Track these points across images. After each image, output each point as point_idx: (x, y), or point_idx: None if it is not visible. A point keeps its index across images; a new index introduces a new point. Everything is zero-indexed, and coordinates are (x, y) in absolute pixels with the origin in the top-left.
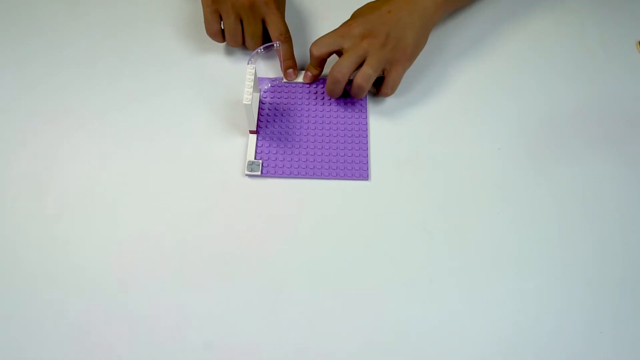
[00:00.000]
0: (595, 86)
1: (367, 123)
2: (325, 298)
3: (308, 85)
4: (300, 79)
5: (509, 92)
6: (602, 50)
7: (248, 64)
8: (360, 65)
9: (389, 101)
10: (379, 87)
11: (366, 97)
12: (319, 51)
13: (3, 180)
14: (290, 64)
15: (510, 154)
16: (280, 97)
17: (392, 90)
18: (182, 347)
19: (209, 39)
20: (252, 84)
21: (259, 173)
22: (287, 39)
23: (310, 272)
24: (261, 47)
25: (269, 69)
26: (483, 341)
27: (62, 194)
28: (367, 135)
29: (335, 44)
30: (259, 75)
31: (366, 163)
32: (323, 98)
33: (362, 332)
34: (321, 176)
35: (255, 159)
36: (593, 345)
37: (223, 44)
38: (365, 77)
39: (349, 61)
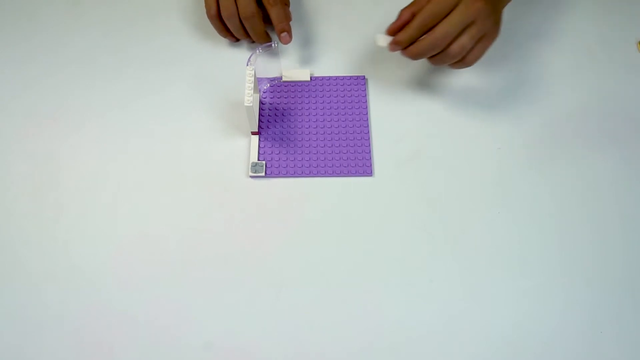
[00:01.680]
0: (595, 86)
1: (368, 120)
2: (325, 298)
3: (307, 84)
4: (299, 77)
5: (510, 92)
6: (602, 50)
7: (247, 65)
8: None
9: (389, 100)
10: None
11: (366, 96)
12: (432, 20)
13: (3, 180)
14: (284, 27)
15: (510, 154)
16: (280, 97)
17: (476, 61)
18: (182, 348)
19: (209, 40)
20: (252, 85)
21: (263, 174)
22: (276, 1)
23: (312, 272)
24: (259, 48)
25: (268, 69)
26: (483, 340)
27: (62, 194)
28: (368, 132)
29: (452, 5)
30: (258, 76)
31: (369, 159)
32: (322, 96)
33: (362, 331)
34: (325, 174)
35: (258, 160)
36: (593, 345)
37: (223, 46)
38: (462, 48)
39: (456, 27)
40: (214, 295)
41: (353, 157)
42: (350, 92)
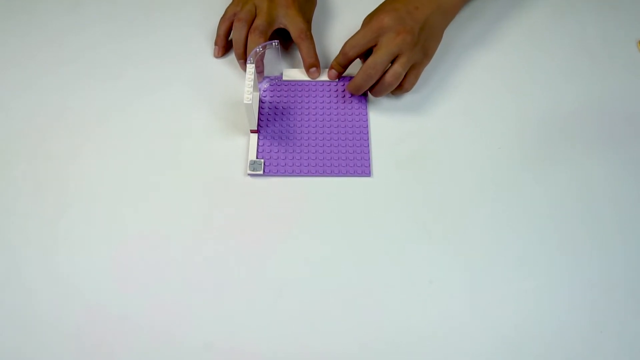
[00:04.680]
0: (596, 86)
1: (367, 120)
2: (325, 298)
3: (307, 84)
4: (300, 77)
5: (509, 92)
6: (602, 50)
7: (247, 63)
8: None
9: (389, 100)
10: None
11: (366, 96)
12: (354, 51)
13: (3, 180)
14: (314, 63)
15: (510, 154)
16: (280, 95)
17: (412, 86)
18: (182, 348)
19: (209, 39)
20: (252, 83)
21: (262, 172)
22: (307, 36)
23: (311, 272)
24: (260, 46)
25: (267, 68)
26: (483, 341)
27: (61, 194)
28: (367, 132)
29: (371, 40)
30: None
31: (368, 159)
32: (322, 96)
33: (362, 332)
34: (323, 174)
35: (257, 158)
36: (593, 345)
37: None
38: (396, 76)
39: (383, 58)
40: (213, 295)
41: (352, 157)
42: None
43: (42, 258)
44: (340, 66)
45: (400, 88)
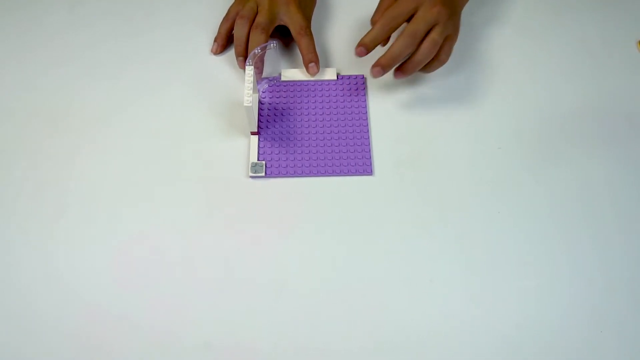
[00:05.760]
0: (595, 86)
1: (367, 119)
2: (326, 297)
3: (306, 84)
4: (298, 77)
5: (509, 91)
6: (602, 50)
7: (246, 65)
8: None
9: (389, 101)
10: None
11: (366, 95)
12: (397, 21)
13: (3, 180)
14: (312, 58)
15: (511, 154)
16: (279, 96)
17: (448, 57)
18: (182, 348)
19: (209, 39)
20: (251, 85)
21: (263, 174)
22: (307, 33)
23: (311, 272)
24: (258, 48)
25: (266, 68)
26: (483, 340)
27: (62, 194)
28: (368, 131)
29: (411, 10)
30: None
31: (369, 158)
32: (322, 96)
33: (362, 331)
34: (325, 174)
35: (258, 160)
36: (593, 344)
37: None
38: (434, 43)
39: (422, 27)
40: (213, 296)
41: (353, 157)
42: (349, 92)
43: (42, 258)
44: (374, 43)
45: (437, 58)
